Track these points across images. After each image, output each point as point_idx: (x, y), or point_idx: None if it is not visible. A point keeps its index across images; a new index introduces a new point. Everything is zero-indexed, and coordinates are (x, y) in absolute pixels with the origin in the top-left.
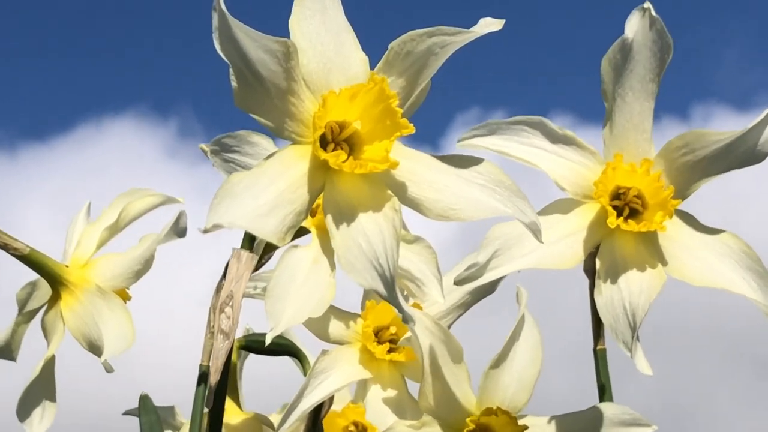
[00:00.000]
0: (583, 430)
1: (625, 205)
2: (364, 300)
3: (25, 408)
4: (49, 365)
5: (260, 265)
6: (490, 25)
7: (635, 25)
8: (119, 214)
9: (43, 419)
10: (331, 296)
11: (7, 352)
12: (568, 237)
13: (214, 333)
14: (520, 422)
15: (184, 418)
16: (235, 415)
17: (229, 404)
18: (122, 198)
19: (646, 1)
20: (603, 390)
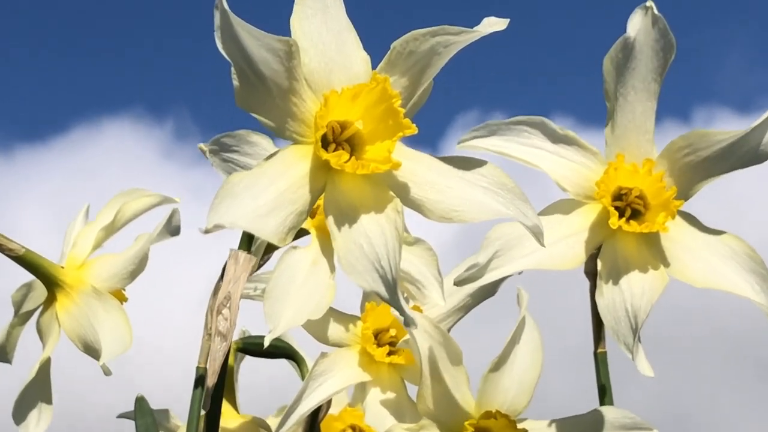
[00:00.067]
0: None
1: (627, 205)
2: (364, 302)
3: (21, 411)
4: (45, 367)
5: (259, 267)
6: (494, 25)
7: (637, 24)
8: (116, 215)
9: (39, 422)
10: (331, 298)
11: (2, 354)
12: (570, 238)
13: (211, 335)
14: (520, 426)
15: (180, 421)
16: (232, 419)
17: (226, 407)
18: (119, 198)
19: (649, 0)
20: (603, 393)
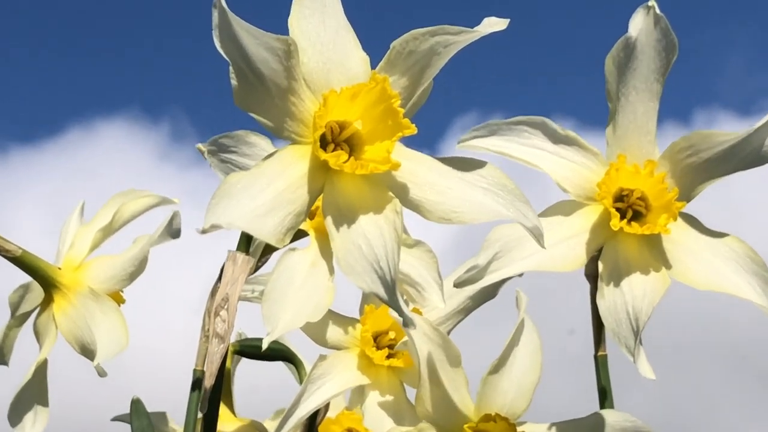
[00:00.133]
0: None
1: (629, 207)
2: (363, 304)
3: (17, 413)
4: (42, 369)
5: (257, 269)
6: (494, 25)
7: (639, 24)
8: (113, 216)
9: (35, 424)
10: (330, 300)
11: None
12: (571, 239)
13: (209, 337)
14: (519, 429)
15: (177, 425)
16: (229, 422)
17: (224, 410)
18: (117, 199)
19: (651, 0)
20: (604, 396)
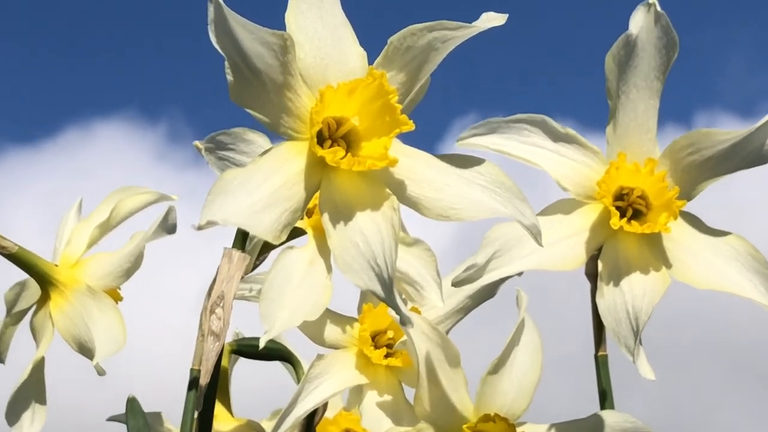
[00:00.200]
0: None
1: (629, 205)
2: (361, 303)
3: (15, 411)
4: (39, 367)
5: (255, 267)
6: (492, 20)
7: (640, 21)
8: (111, 212)
9: (33, 423)
10: (328, 299)
11: None
12: (570, 238)
13: (204, 335)
14: (519, 430)
15: (173, 425)
16: (226, 421)
17: (220, 410)
18: (114, 195)
19: None
20: (604, 397)
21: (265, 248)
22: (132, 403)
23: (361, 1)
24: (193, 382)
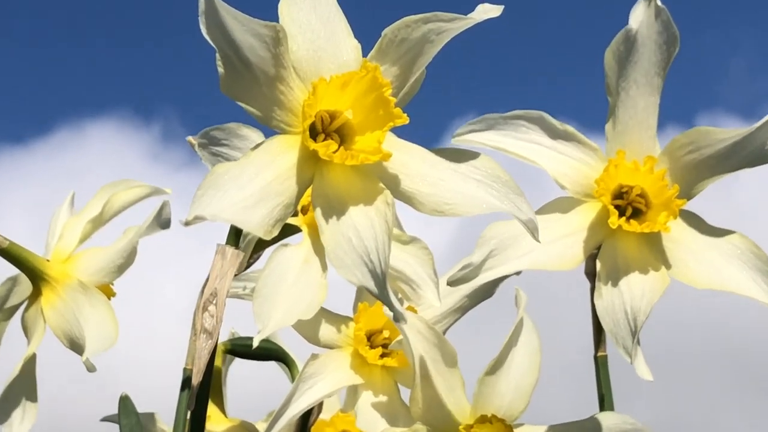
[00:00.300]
0: None
1: (628, 204)
2: (357, 302)
3: (5, 409)
4: (30, 364)
5: (249, 265)
6: (488, 12)
7: (640, 16)
8: (103, 206)
9: (23, 420)
10: (323, 298)
11: None
12: (568, 237)
13: (197, 333)
14: (516, 431)
15: (166, 425)
16: (219, 422)
17: (214, 410)
18: (107, 189)
19: None
20: (603, 398)
21: (259, 246)
22: (124, 402)
23: None
24: (186, 382)
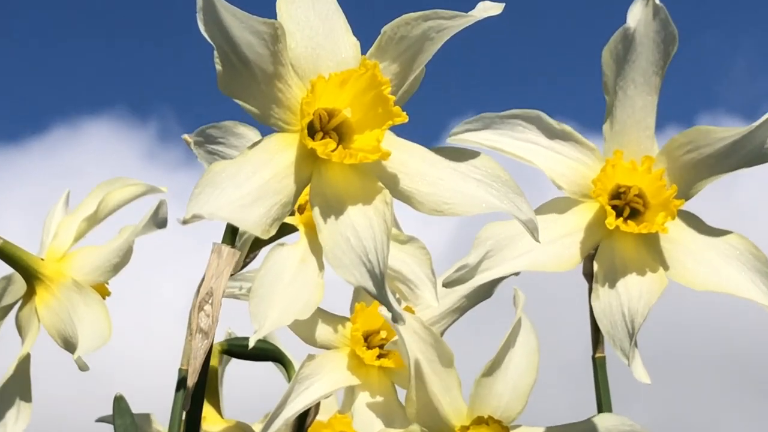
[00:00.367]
0: None
1: (626, 204)
2: (354, 303)
3: None
4: (24, 364)
5: (245, 265)
6: (489, 9)
7: (638, 14)
8: (99, 205)
9: (18, 420)
10: (319, 298)
11: None
12: (565, 238)
13: (193, 332)
14: None
15: (161, 426)
16: (215, 423)
17: (210, 411)
18: (102, 187)
19: None
20: (601, 400)
21: (256, 245)
22: (119, 402)
23: None
24: (182, 382)
